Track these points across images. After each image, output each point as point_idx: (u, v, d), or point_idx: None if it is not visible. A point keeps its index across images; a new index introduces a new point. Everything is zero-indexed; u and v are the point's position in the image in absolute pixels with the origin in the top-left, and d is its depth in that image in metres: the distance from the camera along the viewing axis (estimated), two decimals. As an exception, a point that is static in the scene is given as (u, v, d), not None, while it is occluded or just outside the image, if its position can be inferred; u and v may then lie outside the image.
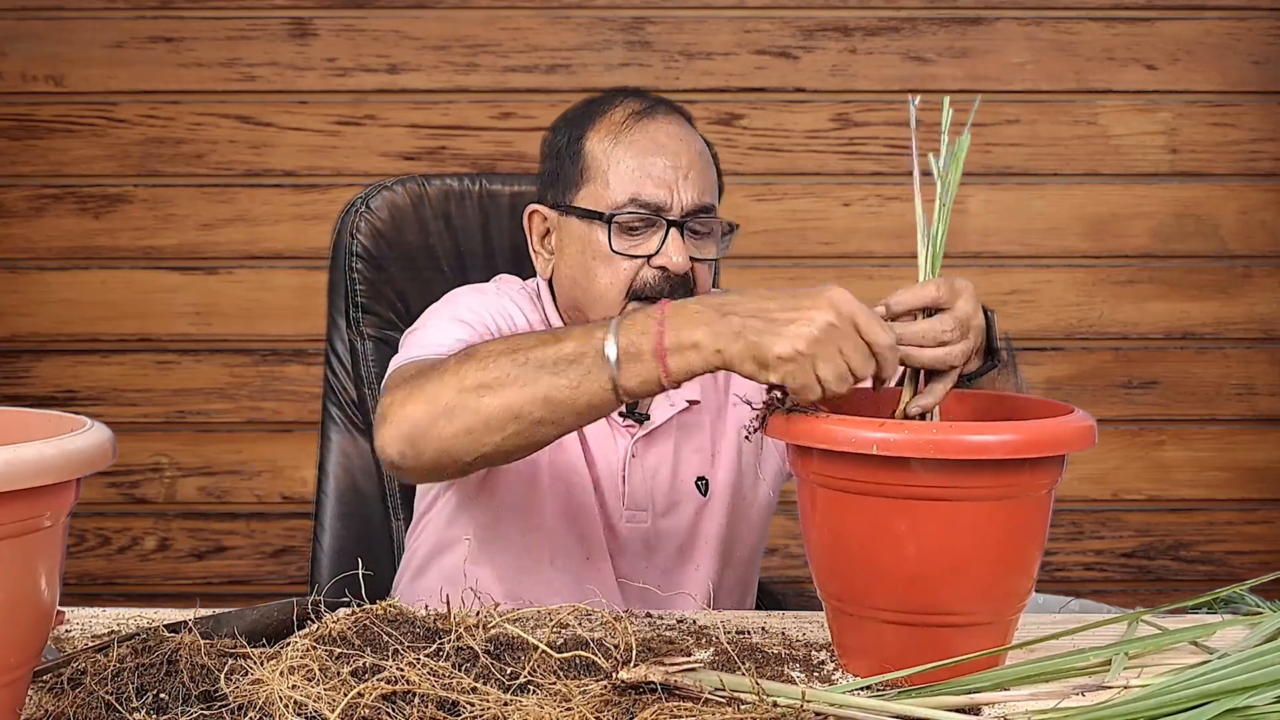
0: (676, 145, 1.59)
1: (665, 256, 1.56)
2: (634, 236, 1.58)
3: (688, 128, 1.64)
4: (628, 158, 1.58)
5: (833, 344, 1.22)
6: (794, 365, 1.23)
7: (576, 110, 1.67)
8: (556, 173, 1.64)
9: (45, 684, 1.14)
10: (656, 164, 1.58)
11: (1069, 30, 2.81)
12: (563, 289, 1.65)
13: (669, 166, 1.58)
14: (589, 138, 1.62)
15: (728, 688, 1.08)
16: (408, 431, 1.37)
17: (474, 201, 1.99)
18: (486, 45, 2.79)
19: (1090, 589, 2.79)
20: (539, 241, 1.68)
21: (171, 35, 2.79)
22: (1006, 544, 1.24)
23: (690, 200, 1.58)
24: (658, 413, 1.67)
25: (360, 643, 1.11)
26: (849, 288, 1.25)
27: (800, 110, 2.82)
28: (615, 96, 1.65)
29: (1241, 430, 2.88)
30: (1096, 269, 2.85)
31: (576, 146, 1.62)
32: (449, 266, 1.97)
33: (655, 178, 1.57)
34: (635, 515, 1.65)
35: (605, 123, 1.61)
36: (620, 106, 1.62)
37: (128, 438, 2.72)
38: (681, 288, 1.57)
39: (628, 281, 1.58)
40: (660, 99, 1.65)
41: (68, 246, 2.81)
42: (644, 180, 1.57)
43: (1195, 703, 1.10)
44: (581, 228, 1.60)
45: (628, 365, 1.27)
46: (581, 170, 1.61)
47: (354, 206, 1.96)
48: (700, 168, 1.60)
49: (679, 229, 1.57)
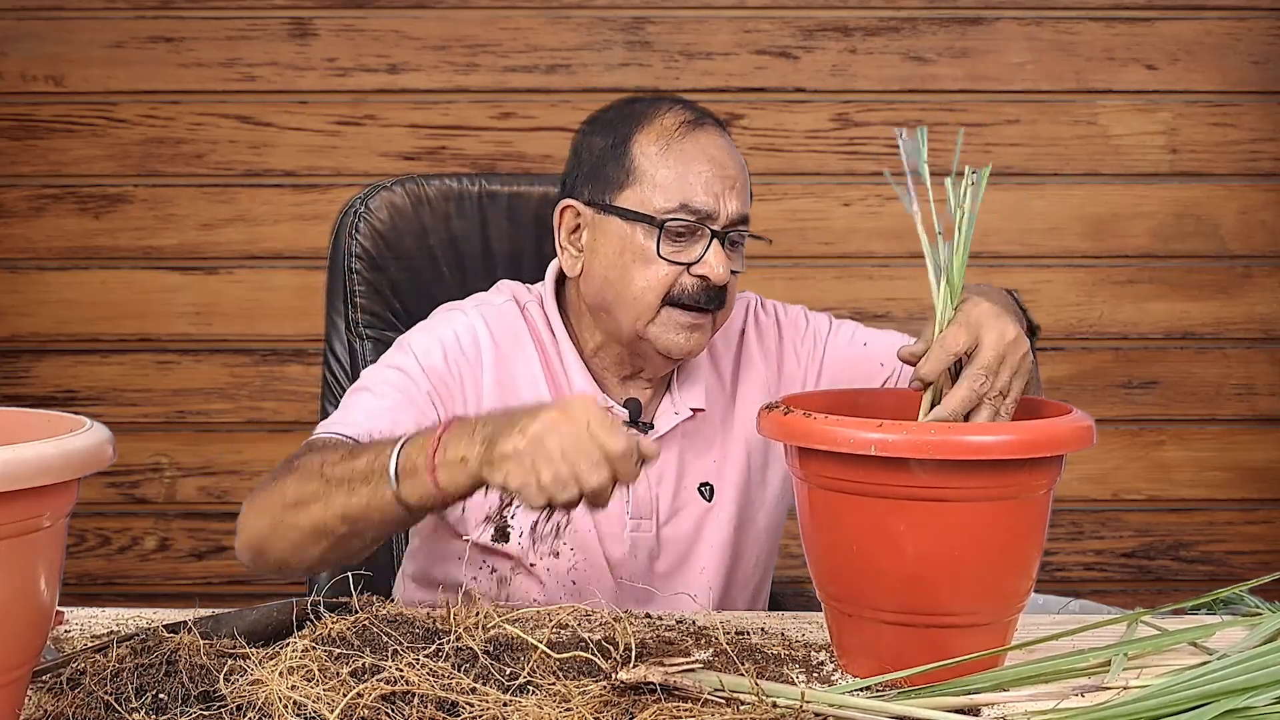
0: (724, 157, 1.60)
1: (707, 265, 1.56)
2: (677, 242, 1.58)
3: (731, 141, 1.64)
4: (679, 164, 1.58)
5: (554, 444, 1.22)
6: (513, 463, 1.23)
7: (618, 111, 1.66)
8: (597, 172, 1.62)
9: (45, 684, 1.14)
10: (706, 173, 1.58)
11: (1069, 30, 2.81)
12: (591, 288, 1.64)
13: (718, 177, 1.58)
14: (637, 140, 1.60)
15: (727, 688, 1.08)
16: (251, 544, 1.48)
17: (473, 202, 1.99)
18: (486, 45, 2.79)
19: (1090, 589, 2.79)
20: (567, 237, 1.66)
21: (171, 35, 2.79)
22: (1005, 544, 1.24)
23: (734, 211, 1.59)
24: (661, 421, 1.66)
25: (359, 643, 1.11)
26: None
27: (800, 110, 2.81)
28: (661, 102, 1.64)
29: (1241, 430, 2.88)
30: (1096, 269, 2.85)
31: (623, 148, 1.61)
32: (448, 267, 1.97)
33: (705, 186, 1.57)
34: (640, 524, 1.65)
35: (655, 128, 1.60)
36: (670, 113, 1.61)
37: (128, 438, 2.72)
38: (718, 297, 1.58)
39: (666, 287, 1.58)
40: (706, 110, 1.65)
41: (68, 246, 2.81)
42: (695, 188, 1.57)
43: (1195, 703, 1.10)
44: (622, 228, 1.59)
45: (405, 481, 1.32)
46: (628, 172, 1.60)
47: (352, 207, 1.96)
48: (743, 181, 1.61)
49: (721, 239, 1.58)
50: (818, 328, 1.76)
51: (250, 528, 1.47)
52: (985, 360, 1.28)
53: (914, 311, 2.74)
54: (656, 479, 1.66)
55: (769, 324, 1.76)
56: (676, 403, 1.67)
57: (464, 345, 1.63)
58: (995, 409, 1.28)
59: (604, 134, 1.64)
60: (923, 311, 1.37)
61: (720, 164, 1.59)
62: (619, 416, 1.26)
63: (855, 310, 2.77)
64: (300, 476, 1.42)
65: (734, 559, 1.69)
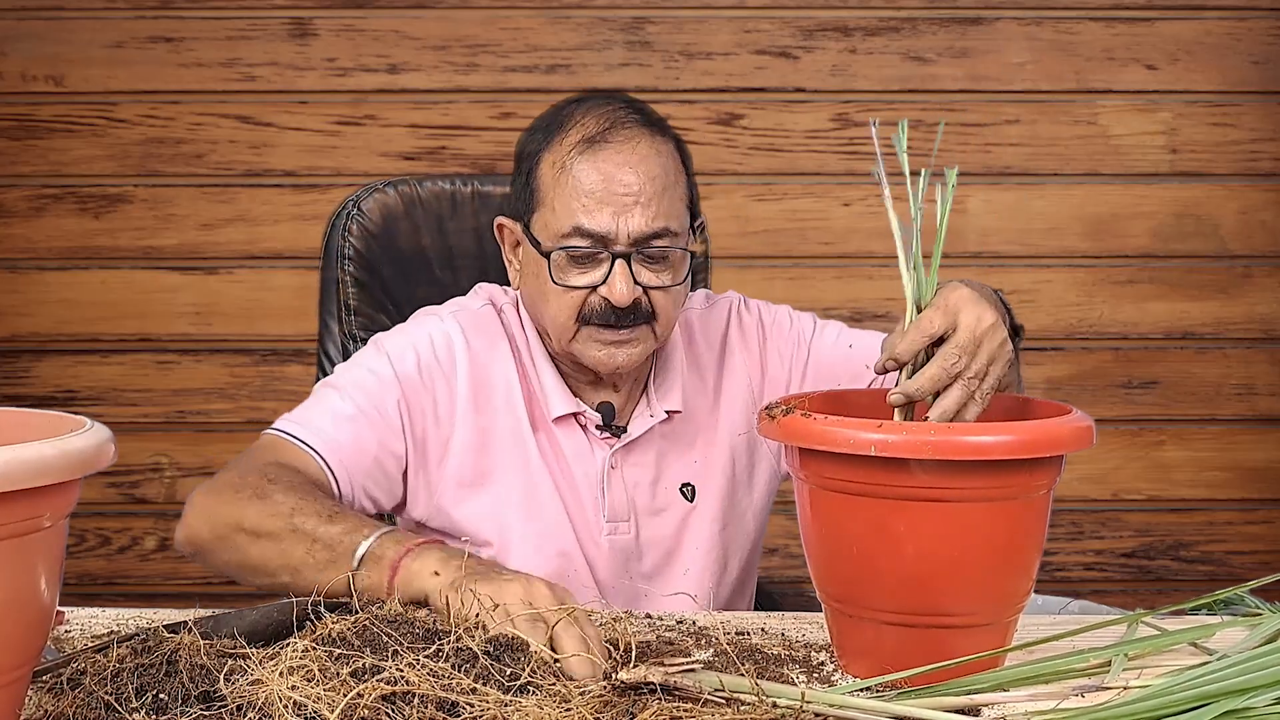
0: (626, 173, 1.53)
1: (609, 288, 1.53)
2: (582, 266, 1.55)
3: (650, 145, 1.56)
4: (571, 187, 1.54)
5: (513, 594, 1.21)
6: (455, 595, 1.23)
7: (543, 121, 1.62)
8: (518, 191, 1.61)
9: (45, 684, 1.14)
10: (597, 191, 1.52)
11: (1069, 30, 2.81)
12: (526, 304, 1.65)
13: (615, 195, 1.52)
14: (543, 160, 1.57)
15: (727, 688, 1.08)
16: (192, 539, 1.49)
17: (466, 203, 1.99)
18: (486, 45, 2.79)
19: (1090, 589, 2.79)
20: (510, 250, 1.65)
21: (171, 35, 2.79)
22: (1005, 544, 1.24)
23: (638, 228, 1.52)
24: (636, 425, 1.65)
25: (360, 644, 1.11)
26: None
27: (800, 110, 2.81)
28: (576, 111, 1.58)
29: (1241, 430, 2.88)
30: (1096, 269, 2.85)
31: (531, 166, 1.59)
32: (440, 268, 1.97)
33: (598, 208, 1.52)
34: (617, 526, 1.64)
35: (558, 145, 1.56)
36: (576, 128, 1.56)
37: (128, 438, 2.72)
38: (630, 316, 1.55)
39: (576, 309, 1.55)
40: (626, 110, 1.58)
41: (68, 246, 2.81)
42: (586, 211, 1.52)
43: (1195, 704, 1.10)
44: (533, 253, 1.58)
45: (365, 568, 1.33)
46: (534, 193, 1.58)
47: (345, 209, 1.96)
48: (654, 192, 1.54)
49: (625, 260, 1.53)
50: (802, 329, 1.74)
51: (197, 528, 1.48)
52: (960, 340, 1.27)
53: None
54: (633, 482, 1.65)
55: (752, 324, 1.74)
56: (652, 405, 1.66)
57: (438, 353, 1.62)
58: (969, 391, 1.26)
59: (527, 147, 1.61)
60: (922, 311, 1.36)
61: (620, 181, 1.52)
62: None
63: (855, 310, 2.78)
64: (267, 508, 1.42)
65: (720, 559, 1.69)
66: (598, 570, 1.64)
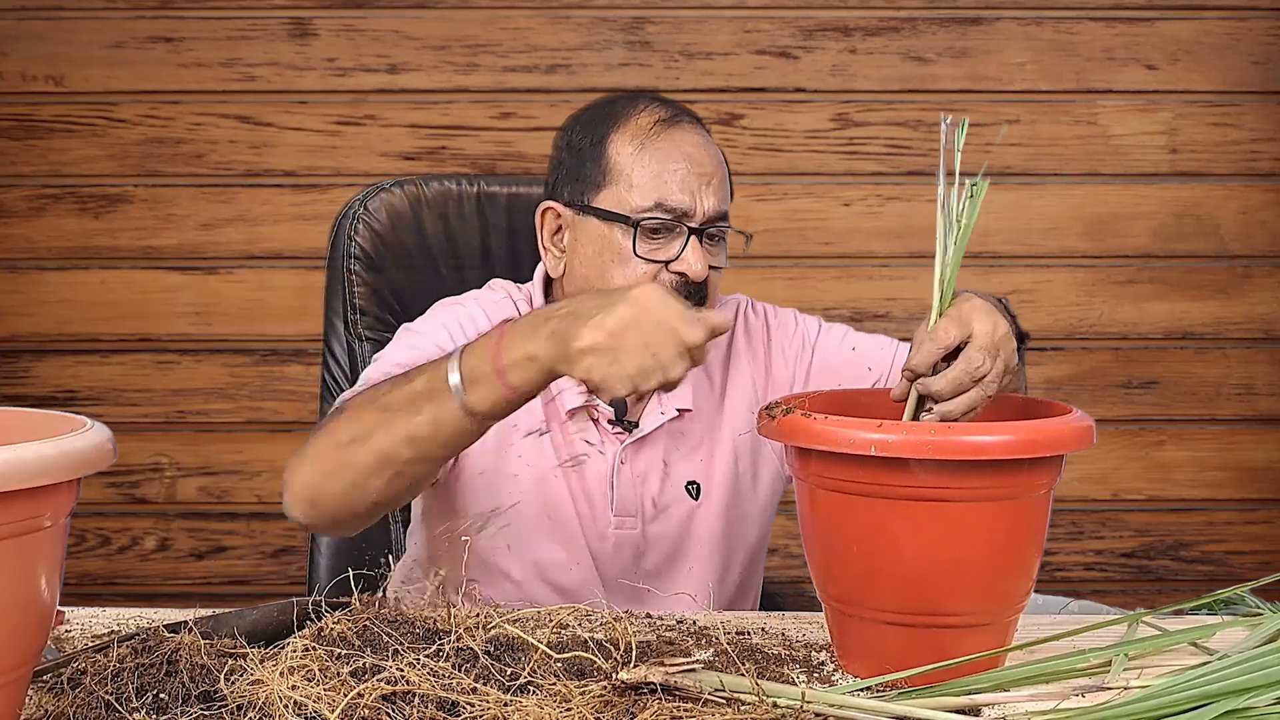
0: (700, 154, 1.60)
1: (685, 263, 1.57)
2: (655, 240, 1.59)
3: (708, 137, 1.65)
4: (654, 163, 1.59)
5: (635, 339, 1.23)
6: (594, 358, 1.25)
7: (596, 110, 1.67)
8: (576, 172, 1.64)
9: (45, 684, 1.14)
10: (682, 170, 1.59)
11: (1069, 30, 2.81)
12: (573, 287, 1.65)
13: (693, 174, 1.59)
14: (613, 140, 1.61)
15: (727, 688, 1.08)
16: (304, 495, 1.44)
17: (471, 203, 1.99)
18: (486, 45, 2.79)
19: (1090, 589, 2.79)
20: (549, 238, 1.67)
21: (171, 35, 2.79)
22: (1005, 545, 1.24)
23: (711, 208, 1.59)
24: (647, 421, 1.67)
25: (360, 643, 1.11)
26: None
27: (800, 110, 2.81)
28: (638, 100, 1.65)
29: (1241, 430, 2.88)
30: (1096, 269, 2.85)
31: (600, 148, 1.62)
32: (446, 268, 1.97)
33: (680, 184, 1.58)
34: (624, 521, 1.65)
35: (631, 127, 1.61)
36: (646, 112, 1.62)
37: (128, 438, 2.72)
38: (697, 293, 1.58)
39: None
40: (682, 107, 1.66)
41: (68, 246, 2.81)
42: (670, 186, 1.58)
43: (1195, 704, 1.10)
44: (600, 228, 1.61)
45: (472, 389, 1.31)
46: (605, 172, 1.61)
47: (351, 208, 1.96)
48: (720, 177, 1.62)
49: (699, 236, 1.58)
50: (807, 330, 1.77)
51: (301, 479, 1.43)
52: (982, 344, 1.29)
53: (914, 311, 2.74)
54: (641, 478, 1.66)
55: (758, 326, 1.76)
56: (663, 402, 1.67)
57: (466, 332, 1.63)
58: (984, 395, 1.29)
59: (581, 134, 1.65)
60: (922, 311, 1.37)
61: (696, 161, 1.60)
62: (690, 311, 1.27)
63: (855, 310, 2.78)
64: (352, 414, 1.40)
65: (724, 557, 1.70)
66: (603, 565, 1.65)
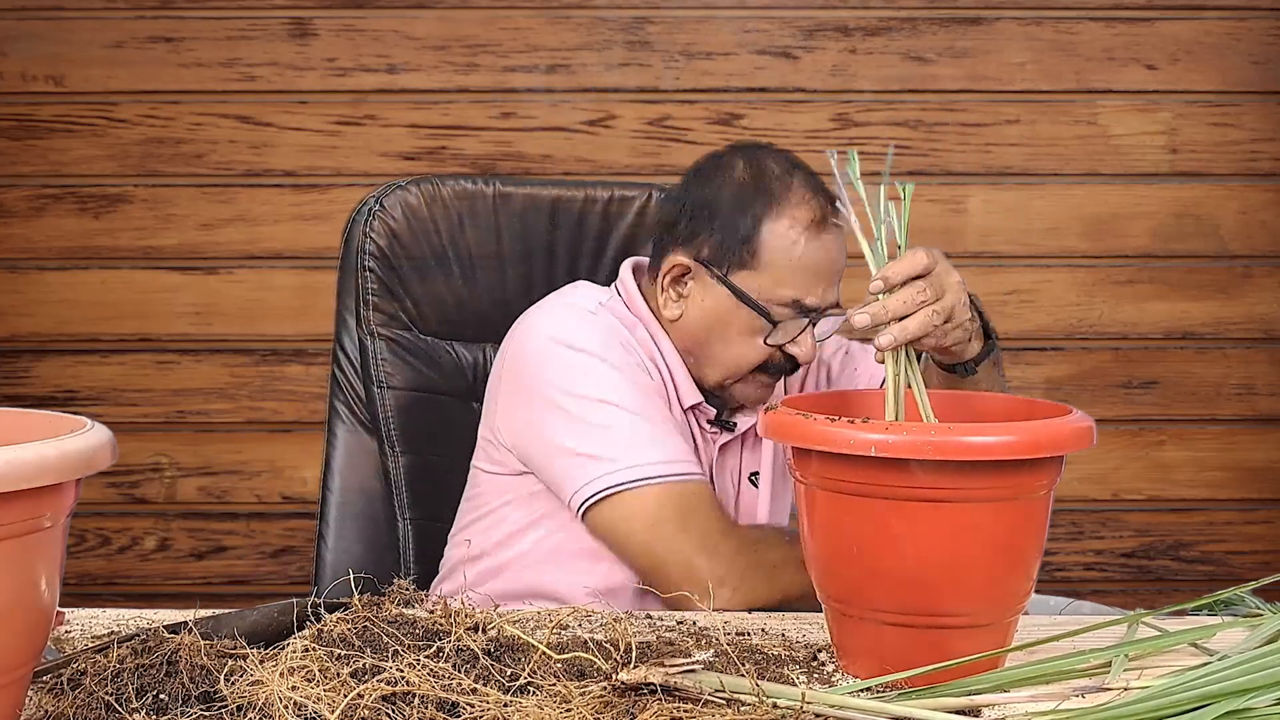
0: (838, 254, 1.68)
1: (800, 349, 1.67)
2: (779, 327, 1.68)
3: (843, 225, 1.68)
4: (804, 266, 1.66)
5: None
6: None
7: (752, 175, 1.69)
8: (722, 240, 1.68)
9: (45, 684, 1.14)
10: (823, 274, 1.67)
11: (1069, 30, 2.81)
12: (685, 335, 1.72)
13: (828, 275, 1.67)
14: (766, 224, 1.66)
15: (727, 689, 1.08)
16: (751, 601, 1.58)
17: (487, 203, 1.99)
18: (486, 45, 2.79)
19: (1090, 589, 2.79)
20: (671, 283, 1.72)
21: (171, 35, 2.79)
22: (1006, 545, 1.24)
23: (832, 299, 1.69)
24: (743, 421, 1.77)
25: (360, 643, 1.11)
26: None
27: (800, 110, 2.81)
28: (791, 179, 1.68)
29: (1241, 430, 2.88)
30: (1096, 269, 2.85)
31: (754, 229, 1.67)
32: (460, 268, 1.97)
33: (817, 288, 1.66)
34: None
35: (788, 216, 1.66)
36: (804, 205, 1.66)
37: (128, 438, 2.72)
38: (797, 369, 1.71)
39: (761, 361, 1.69)
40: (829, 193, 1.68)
41: (68, 246, 2.81)
42: (813, 289, 1.66)
43: (1195, 704, 1.10)
44: (733, 302, 1.68)
45: None
46: (755, 254, 1.67)
47: (366, 205, 1.96)
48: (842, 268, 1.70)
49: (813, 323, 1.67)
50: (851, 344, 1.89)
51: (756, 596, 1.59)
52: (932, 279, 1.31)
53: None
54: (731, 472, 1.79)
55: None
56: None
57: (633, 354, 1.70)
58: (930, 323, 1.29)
59: (735, 201, 1.68)
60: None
61: (835, 263, 1.68)
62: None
63: (855, 310, 2.78)
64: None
65: None
66: None
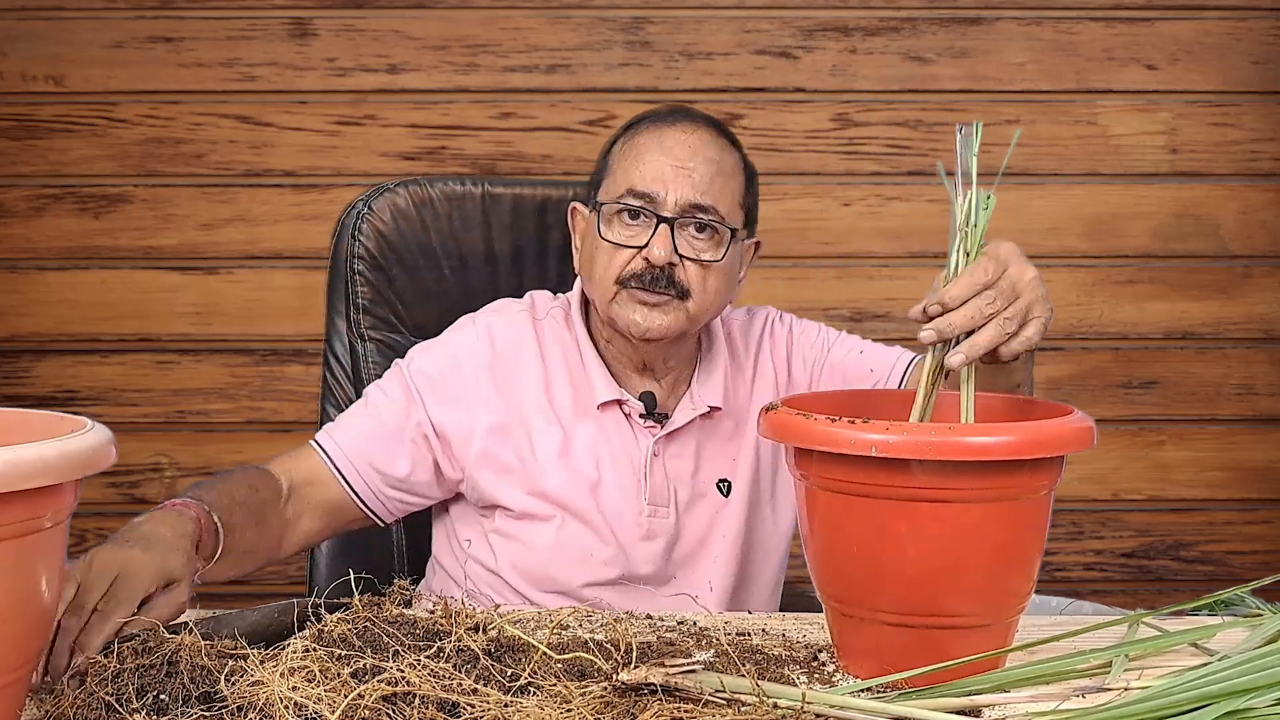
0: (682, 149, 1.64)
1: (649, 249, 1.61)
2: (630, 227, 1.64)
3: (711, 137, 1.67)
4: (633, 153, 1.66)
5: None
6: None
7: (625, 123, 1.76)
8: (593, 178, 1.73)
9: (46, 685, 1.14)
10: (655, 159, 1.64)
11: (1069, 30, 2.81)
12: (584, 282, 1.73)
13: (669, 164, 1.63)
14: (617, 143, 1.71)
15: (728, 689, 1.08)
16: None
17: (476, 204, 1.99)
18: (486, 45, 2.79)
19: (1090, 589, 2.79)
20: (579, 238, 1.74)
21: (171, 35, 2.79)
22: (1006, 545, 1.24)
23: (685, 197, 1.62)
24: (679, 415, 1.72)
25: (361, 644, 1.11)
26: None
27: (800, 110, 2.81)
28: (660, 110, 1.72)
29: (1241, 430, 2.88)
30: (1096, 269, 2.85)
31: (606, 152, 1.72)
32: (450, 269, 1.97)
33: (653, 173, 1.63)
34: (657, 510, 1.70)
35: (633, 129, 1.70)
36: (651, 117, 1.70)
37: (128, 438, 2.72)
38: (664, 281, 1.62)
39: (619, 268, 1.64)
40: (697, 113, 1.70)
41: (68, 246, 2.81)
42: (641, 174, 1.63)
43: (1195, 705, 1.10)
44: (590, 219, 1.69)
45: None
46: (603, 171, 1.70)
47: (354, 208, 1.96)
48: (708, 173, 1.64)
49: (669, 225, 1.61)
50: (826, 336, 1.83)
51: None
52: (1000, 286, 1.28)
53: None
54: (674, 471, 1.71)
55: (782, 332, 1.83)
56: (695, 399, 1.73)
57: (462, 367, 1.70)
58: (1004, 331, 1.27)
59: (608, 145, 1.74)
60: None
61: (676, 154, 1.64)
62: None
63: (855, 310, 2.78)
64: None
65: (744, 555, 1.74)
66: (632, 553, 1.69)
